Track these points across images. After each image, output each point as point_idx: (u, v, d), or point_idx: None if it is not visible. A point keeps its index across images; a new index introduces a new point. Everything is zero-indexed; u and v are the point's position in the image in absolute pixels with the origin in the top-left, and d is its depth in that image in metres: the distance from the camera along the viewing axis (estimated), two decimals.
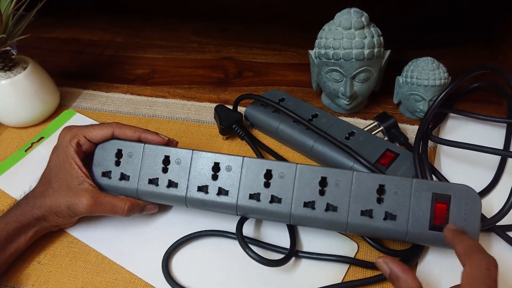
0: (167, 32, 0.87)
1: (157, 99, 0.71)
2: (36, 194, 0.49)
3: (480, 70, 0.56)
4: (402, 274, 0.35)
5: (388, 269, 0.37)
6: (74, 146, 0.48)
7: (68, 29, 0.90)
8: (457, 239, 0.37)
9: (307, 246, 0.49)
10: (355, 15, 0.57)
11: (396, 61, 0.64)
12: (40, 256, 0.50)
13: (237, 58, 0.80)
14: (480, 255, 0.34)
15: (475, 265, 0.33)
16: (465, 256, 0.35)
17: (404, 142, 0.58)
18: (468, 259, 0.34)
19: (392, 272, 0.36)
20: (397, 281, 0.36)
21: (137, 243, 0.51)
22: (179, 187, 0.47)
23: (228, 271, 0.48)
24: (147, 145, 0.49)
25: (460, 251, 0.36)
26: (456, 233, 0.38)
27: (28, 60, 0.64)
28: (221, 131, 0.61)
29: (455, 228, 0.39)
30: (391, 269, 0.36)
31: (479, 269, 0.33)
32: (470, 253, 0.35)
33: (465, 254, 0.35)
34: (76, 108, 0.70)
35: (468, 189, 0.41)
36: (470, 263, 0.34)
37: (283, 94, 0.64)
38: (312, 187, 0.44)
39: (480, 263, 0.33)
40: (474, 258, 0.34)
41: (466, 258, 0.34)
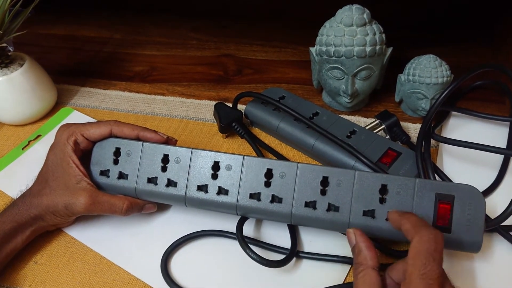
0: (166, 29, 0.87)
1: (155, 97, 0.71)
2: (33, 193, 0.48)
3: (483, 68, 0.56)
4: (365, 250, 0.37)
5: (354, 241, 0.39)
6: (71, 144, 0.48)
7: (66, 26, 0.90)
8: (404, 217, 0.38)
9: (308, 247, 0.49)
10: (357, 12, 0.57)
11: (398, 58, 0.64)
12: (37, 256, 0.50)
13: (237, 55, 0.79)
14: (427, 229, 0.35)
15: (423, 239, 0.34)
16: (413, 230, 0.36)
17: (406, 141, 0.57)
18: (416, 233, 0.35)
19: (357, 245, 0.38)
20: (358, 255, 0.38)
21: (135, 243, 0.50)
22: (178, 186, 0.47)
23: (228, 271, 0.47)
24: (145, 144, 0.48)
25: (408, 227, 0.36)
26: (401, 213, 0.39)
27: (25, 57, 0.63)
28: (220, 129, 0.61)
29: (400, 211, 0.40)
30: (357, 242, 0.38)
31: (427, 242, 0.34)
32: (418, 228, 0.35)
33: (413, 228, 0.36)
34: (74, 106, 0.69)
35: (472, 189, 0.41)
36: (418, 237, 0.34)
37: (284, 92, 0.63)
38: (313, 187, 0.44)
39: (428, 236, 0.34)
40: (422, 232, 0.35)
41: (414, 232, 0.35)
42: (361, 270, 0.37)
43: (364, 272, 0.36)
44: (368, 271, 0.36)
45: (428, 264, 0.33)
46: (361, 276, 0.36)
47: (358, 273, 0.37)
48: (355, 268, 0.38)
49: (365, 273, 0.36)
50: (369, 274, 0.36)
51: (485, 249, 0.46)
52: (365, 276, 0.36)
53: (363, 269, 0.37)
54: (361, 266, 0.37)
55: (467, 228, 0.40)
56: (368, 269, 0.36)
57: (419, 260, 0.33)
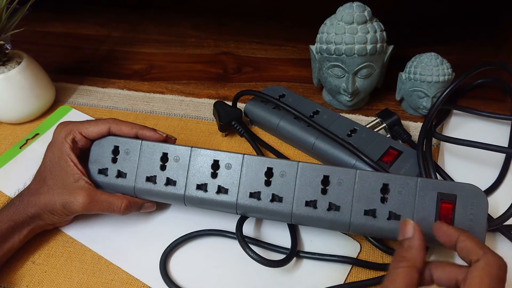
0: (165, 27, 0.86)
1: (154, 95, 0.70)
2: (31, 192, 0.48)
3: (485, 66, 0.55)
4: (418, 249, 0.35)
5: (411, 234, 0.36)
6: (69, 142, 0.47)
7: (64, 24, 0.89)
8: (464, 234, 0.36)
9: (308, 246, 0.48)
10: (358, 9, 0.56)
11: (399, 56, 0.63)
12: (34, 256, 0.49)
13: (236, 53, 0.79)
14: (494, 254, 0.33)
15: (496, 263, 0.33)
16: (480, 250, 0.34)
17: (407, 140, 0.57)
18: (485, 254, 0.33)
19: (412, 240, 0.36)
20: (408, 250, 0.35)
21: (134, 242, 0.50)
22: (177, 185, 0.46)
23: (227, 271, 0.47)
24: (144, 142, 0.48)
25: (472, 246, 0.34)
26: (458, 229, 0.37)
27: (23, 54, 0.63)
28: (220, 127, 0.60)
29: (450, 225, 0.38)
30: (414, 237, 0.36)
31: (499, 269, 0.32)
32: (486, 250, 0.34)
33: (480, 249, 0.34)
34: (72, 104, 0.69)
35: (474, 188, 0.40)
36: (488, 259, 0.33)
37: (284, 90, 0.63)
38: (314, 186, 0.43)
39: (500, 263, 0.33)
40: (493, 256, 0.33)
41: (483, 253, 0.33)
42: (404, 265, 0.35)
43: (408, 269, 0.35)
44: (412, 270, 0.35)
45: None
46: (402, 272, 0.34)
47: (399, 267, 0.35)
48: (398, 260, 0.35)
49: (409, 271, 0.35)
50: (412, 273, 0.34)
51: None
52: (408, 274, 0.34)
53: (408, 266, 0.35)
54: (406, 262, 0.35)
55: (469, 228, 0.40)
56: (412, 268, 0.35)
57: (489, 283, 0.32)
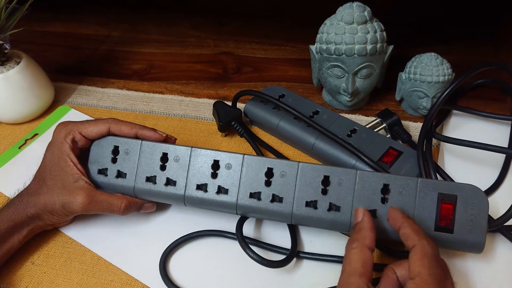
0: (164, 26, 0.86)
1: (154, 95, 0.70)
2: (30, 192, 0.48)
3: (485, 66, 0.55)
4: (368, 230, 0.38)
5: (360, 218, 0.39)
6: (69, 142, 0.47)
7: (63, 23, 0.89)
8: (407, 220, 0.39)
9: (308, 247, 0.48)
10: (358, 9, 0.56)
11: (399, 56, 0.63)
12: (33, 257, 0.49)
13: (236, 53, 0.79)
14: (428, 238, 0.37)
15: (425, 243, 0.36)
16: (415, 235, 0.37)
17: (407, 140, 0.57)
18: (420, 239, 0.36)
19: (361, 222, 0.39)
20: (358, 232, 0.38)
21: (134, 243, 0.50)
22: (177, 185, 0.46)
23: (227, 272, 0.47)
24: (144, 142, 0.48)
25: (408, 231, 0.38)
26: (404, 215, 0.40)
27: (22, 54, 0.63)
28: (220, 128, 0.60)
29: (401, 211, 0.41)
30: (363, 220, 0.39)
31: (433, 248, 0.36)
32: (421, 234, 0.37)
33: (415, 234, 0.37)
34: (71, 104, 0.69)
35: (475, 189, 0.40)
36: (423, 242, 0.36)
37: (283, 90, 0.62)
38: (314, 186, 0.43)
39: (430, 242, 0.36)
40: (426, 239, 0.36)
41: (418, 238, 0.36)
42: (356, 246, 0.37)
43: (360, 248, 0.37)
44: (364, 248, 0.37)
45: (436, 266, 0.35)
46: (355, 252, 0.37)
47: (352, 248, 0.37)
48: (349, 243, 0.38)
49: (360, 250, 0.37)
50: (365, 251, 0.37)
51: (487, 249, 0.45)
52: (360, 252, 0.37)
53: (359, 245, 0.37)
54: (357, 242, 0.37)
55: (469, 229, 0.40)
56: (364, 246, 0.37)
57: (428, 262, 0.35)
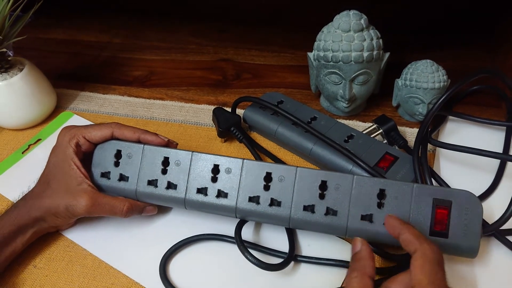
0: (165, 33, 0.87)
1: (154, 101, 0.71)
2: (34, 195, 0.48)
3: (480, 74, 0.56)
4: (367, 259, 0.38)
5: (359, 248, 0.40)
6: (73, 146, 0.48)
7: (65, 30, 0.90)
8: (405, 227, 0.39)
9: (306, 250, 0.49)
10: (354, 18, 0.57)
11: (395, 63, 0.64)
12: (36, 260, 0.50)
13: (236, 59, 0.80)
14: (431, 242, 0.37)
15: (430, 249, 0.36)
16: (416, 241, 0.37)
17: (403, 145, 0.58)
18: (421, 244, 0.36)
19: (360, 252, 0.39)
20: (358, 261, 0.39)
21: (134, 246, 0.50)
22: (178, 189, 0.47)
23: (226, 275, 0.47)
24: (146, 146, 0.49)
25: (409, 237, 0.38)
26: (402, 222, 0.40)
27: (25, 61, 0.64)
28: (219, 133, 0.61)
29: (399, 218, 0.41)
30: (361, 249, 0.40)
31: (434, 253, 0.35)
32: (422, 240, 0.37)
33: (417, 240, 0.37)
34: (73, 110, 0.70)
35: (469, 195, 0.41)
36: (424, 247, 0.36)
37: (282, 96, 0.63)
38: (312, 191, 0.44)
39: (431, 247, 0.36)
40: (428, 244, 0.36)
41: (419, 243, 0.36)
42: (356, 275, 0.37)
43: (360, 277, 0.37)
44: (365, 277, 0.37)
45: (437, 272, 0.34)
46: (356, 281, 0.37)
47: (352, 278, 0.37)
48: (350, 273, 0.38)
49: (361, 279, 0.37)
50: (365, 281, 0.37)
51: (482, 254, 0.46)
52: (361, 281, 0.37)
53: (359, 275, 0.37)
54: (358, 272, 0.37)
55: (464, 234, 0.41)
56: (365, 276, 0.37)
57: (428, 268, 0.34)
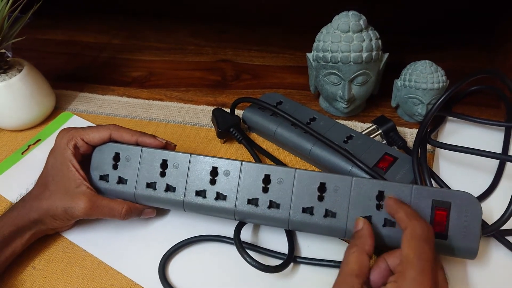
0: (164, 34, 0.87)
1: (153, 102, 0.71)
2: (33, 197, 0.48)
3: (479, 74, 0.56)
4: (368, 237, 0.39)
5: (360, 227, 0.41)
6: (71, 148, 0.48)
7: (64, 31, 0.90)
8: (400, 206, 0.40)
9: (305, 252, 0.49)
10: (353, 18, 0.57)
11: (394, 64, 0.64)
12: (35, 261, 0.50)
13: (235, 60, 0.80)
14: (421, 220, 0.38)
15: (417, 226, 0.37)
16: (407, 218, 0.38)
17: (403, 146, 0.58)
18: (410, 221, 0.37)
19: (361, 230, 0.40)
20: (358, 238, 0.40)
21: (134, 247, 0.50)
22: (177, 191, 0.47)
23: (225, 276, 0.47)
24: (144, 149, 0.49)
25: (402, 215, 0.39)
26: (399, 202, 0.41)
27: (24, 62, 0.64)
28: (218, 134, 0.61)
29: (397, 199, 0.42)
30: (363, 228, 0.40)
31: (422, 229, 0.36)
32: (413, 217, 0.38)
33: (407, 217, 0.38)
34: (72, 111, 0.70)
35: (468, 196, 0.41)
36: (413, 224, 0.37)
37: (281, 97, 0.63)
38: (310, 193, 0.44)
39: (421, 225, 0.37)
40: (417, 221, 0.37)
41: (409, 220, 0.38)
42: (355, 250, 0.38)
43: (359, 253, 0.38)
44: (363, 253, 0.38)
45: (423, 246, 0.35)
46: (354, 255, 0.38)
47: (351, 252, 0.38)
48: (349, 248, 0.39)
49: (360, 254, 0.38)
50: (363, 256, 0.38)
51: (481, 254, 0.46)
52: (359, 256, 0.38)
53: (358, 250, 0.38)
54: (357, 247, 0.39)
55: (463, 235, 0.40)
56: (363, 252, 0.38)
57: (415, 243, 0.35)
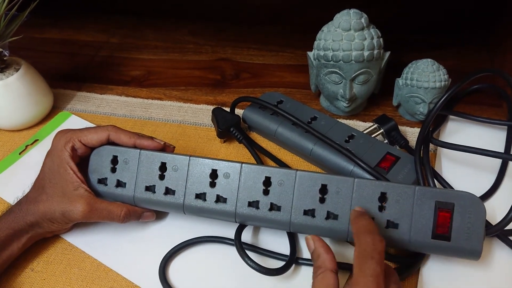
0: (163, 33, 0.86)
1: (152, 101, 0.70)
2: (29, 200, 0.48)
3: (481, 73, 0.56)
4: (324, 253, 0.39)
5: (313, 246, 0.40)
6: (69, 150, 0.47)
7: (62, 30, 0.89)
8: (355, 220, 0.40)
9: (307, 253, 0.48)
10: (355, 16, 0.56)
11: (396, 63, 0.64)
12: (33, 263, 0.49)
13: (234, 59, 0.79)
14: (368, 234, 0.37)
15: (362, 242, 0.36)
16: (356, 236, 0.38)
17: (405, 145, 0.57)
18: (357, 239, 0.37)
19: (315, 250, 0.39)
20: (317, 259, 0.39)
21: (133, 249, 0.50)
22: (176, 194, 0.47)
23: (226, 278, 0.47)
24: (143, 152, 0.48)
25: (354, 231, 0.39)
26: (356, 215, 0.40)
27: (21, 61, 0.63)
28: (218, 134, 0.61)
29: (359, 210, 0.42)
30: (315, 247, 0.39)
31: (365, 245, 0.36)
32: (360, 233, 0.37)
33: (356, 234, 0.38)
34: (70, 110, 0.69)
35: (472, 197, 0.41)
36: (358, 242, 0.37)
37: (281, 96, 0.63)
38: (312, 195, 0.43)
39: (366, 240, 0.36)
40: (362, 237, 0.37)
41: (356, 238, 0.37)
42: (320, 272, 0.37)
43: (323, 274, 0.37)
44: (327, 273, 0.37)
45: (368, 262, 0.35)
46: (320, 278, 0.37)
47: (317, 275, 0.38)
48: (314, 272, 0.38)
49: (324, 275, 0.37)
50: (327, 275, 0.37)
51: (485, 255, 0.46)
52: (324, 278, 0.37)
53: (322, 271, 0.37)
54: (320, 269, 0.38)
55: (467, 236, 0.40)
56: (326, 271, 0.37)
57: (359, 260, 0.35)
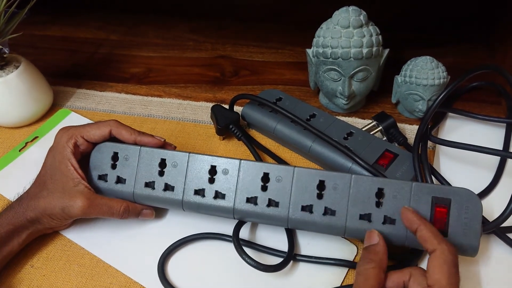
0: (163, 30, 0.86)
1: (152, 98, 0.70)
2: (30, 196, 0.48)
3: (480, 69, 0.55)
4: (384, 254, 0.39)
5: (376, 241, 0.40)
6: (71, 147, 0.48)
7: (62, 27, 0.89)
8: (423, 222, 0.39)
9: (305, 249, 0.49)
10: (354, 14, 0.56)
11: (395, 60, 0.64)
12: (33, 260, 0.49)
13: (234, 56, 0.79)
14: (448, 243, 0.37)
15: (449, 250, 0.36)
16: (435, 239, 0.37)
17: (403, 142, 0.57)
18: (439, 243, 0.37)
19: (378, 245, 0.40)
20: (375, 254, 0.39)
21: (133, 245, 0.50)
22: (175, 191, 0.47)
23: (224, 274, 0.47)
24: (143, 148, 0.48)
25: (427, 234, 0.38)
26: (420, 217, 0.40)
27: (21, 58, 0.63)
28: (217, 131, 0.61)
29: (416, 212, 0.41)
30: (380, 244, 0.40)
31: (453, 254, 0.36)
32: (441, 239, 0.37)
33: (435, 238, 0.37)
34: (70, 108, 0.69)
35: (469, 193, 0.41)
36: (443, 247, 0.36)
37: (280, 93, 0.63)
38: (310, 191, 0.44)
39: (453, 249, 0.37)
40: (447, 244, 0.37)
41: (437, 242, 0.37)
42: (373, 266, 0.38)
43: (377, 270, 0.38)
44: (380, 270, 0.38)
45: (455, 274, 0.35)
46: (373, 272, 0.38)
47: (369, 268, 0.38)
48: (366, 262, 0.39)
49: (378, 271, 0.38)
50: (380, 273, 0.38)
51: (482, 251, 0.46)
52: (378, 274, 0.38)
53: (376, 266, 0.38)
54: (375, 263, 0.39)
55: (464, 232, 0.40)
56: (380, 268, 0.38)
57: (447, 269, 0.35)
